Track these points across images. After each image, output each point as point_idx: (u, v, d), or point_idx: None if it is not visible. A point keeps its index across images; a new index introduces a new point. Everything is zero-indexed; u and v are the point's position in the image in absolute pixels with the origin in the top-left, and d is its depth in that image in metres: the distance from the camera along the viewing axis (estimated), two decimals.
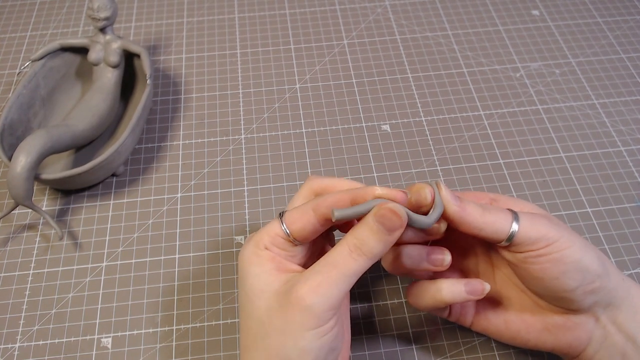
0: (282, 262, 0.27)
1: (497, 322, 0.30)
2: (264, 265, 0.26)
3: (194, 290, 0.37)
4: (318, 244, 0.31)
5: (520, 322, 0.30)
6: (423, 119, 0.46)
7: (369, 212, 0.25)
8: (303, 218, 0.27)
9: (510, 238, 0.26)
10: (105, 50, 0.44)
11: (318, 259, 0.27)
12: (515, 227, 0.26)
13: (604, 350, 0.28)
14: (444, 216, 0.27)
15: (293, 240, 0.27)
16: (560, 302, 0.28)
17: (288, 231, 0.27)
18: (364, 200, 0.26)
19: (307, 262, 0.29)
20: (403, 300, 0.36)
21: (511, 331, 0.30)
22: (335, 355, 0.26)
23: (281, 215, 0.28)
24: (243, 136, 0.45)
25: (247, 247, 0.27)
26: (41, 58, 0.44)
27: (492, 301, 0.31)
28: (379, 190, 0.26)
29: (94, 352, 0.35)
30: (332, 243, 0.32)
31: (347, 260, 0.25)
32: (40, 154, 0.36)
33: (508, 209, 0.28)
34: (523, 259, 0.27)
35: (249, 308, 0.26)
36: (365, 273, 0.35)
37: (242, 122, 0.46)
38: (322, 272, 0.25)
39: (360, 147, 0.44)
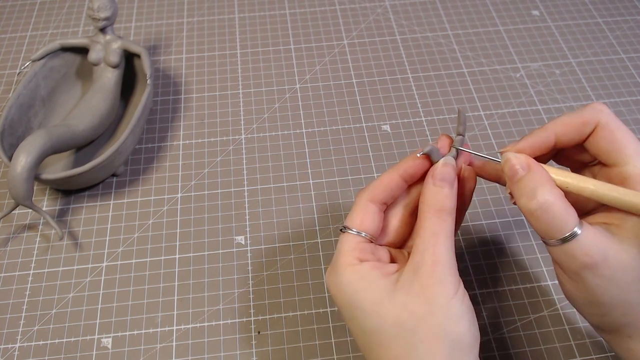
0: (380, 266, 0.27)
1: None
2: (370, 275, 0.26)
3: (194, 290, 0.37)
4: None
5: None
6: (423, 119, 0.46)
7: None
8: (366, 212, 0.28)
9: (567, 239, 0.25)
10: (106, 50, 0.44)
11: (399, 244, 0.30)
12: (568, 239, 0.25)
13: None
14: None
15: (371, 238, 0.28)
16: None
17: (363, 232, 0.27)
18: (417, 173, 0.28)
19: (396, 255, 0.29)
20: None
21: None
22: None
23: (344, 229, 0.28)
24: (243, 136, 0.45)
25: (342, 272, 0.26)
26: (41, 58, 0.44)
27: None
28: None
29: (94, 353, 0.35)
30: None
31: (441, 225, 0.26)
32: (40, 154, 0.36)
33: (579, 219, 0.25)
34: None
35: (375, 322, 0.25)
36: None
37: (242, 122, 0.46)
38: (430, 247, 0.26)
39: (360, 147, 0.44)
